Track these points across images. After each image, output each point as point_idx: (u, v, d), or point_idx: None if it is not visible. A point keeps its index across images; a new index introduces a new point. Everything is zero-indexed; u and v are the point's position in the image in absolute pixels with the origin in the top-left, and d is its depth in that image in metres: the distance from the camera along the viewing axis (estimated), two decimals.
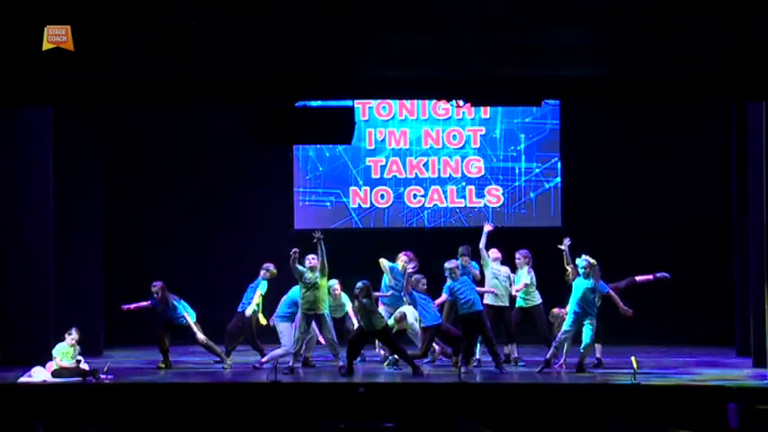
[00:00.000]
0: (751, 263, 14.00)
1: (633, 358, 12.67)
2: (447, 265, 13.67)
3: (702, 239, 16.08)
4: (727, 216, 15.36)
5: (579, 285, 13.36)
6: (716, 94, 12.63)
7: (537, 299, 14.21)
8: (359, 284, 13.31)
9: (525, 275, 14.15)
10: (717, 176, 15.85)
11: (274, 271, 14.34)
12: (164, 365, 13.87)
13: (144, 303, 14.28)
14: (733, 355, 14.77)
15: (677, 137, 16.39)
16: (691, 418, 10.73)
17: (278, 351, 13.73)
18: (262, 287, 14.27)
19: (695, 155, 16.29)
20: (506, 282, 14.17)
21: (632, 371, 12.25)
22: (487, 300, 13.95)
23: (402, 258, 14.09)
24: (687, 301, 15.81)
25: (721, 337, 15.33)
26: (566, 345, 13.40)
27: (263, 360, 13.73)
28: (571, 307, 13.35)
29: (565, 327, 13.34)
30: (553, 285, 15.20)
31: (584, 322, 13.26)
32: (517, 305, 14.22)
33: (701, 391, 11.68)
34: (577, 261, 13.46)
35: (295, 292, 13.89)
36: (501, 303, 14.07)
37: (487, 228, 14.21)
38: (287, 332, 13.79)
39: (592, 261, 13.41)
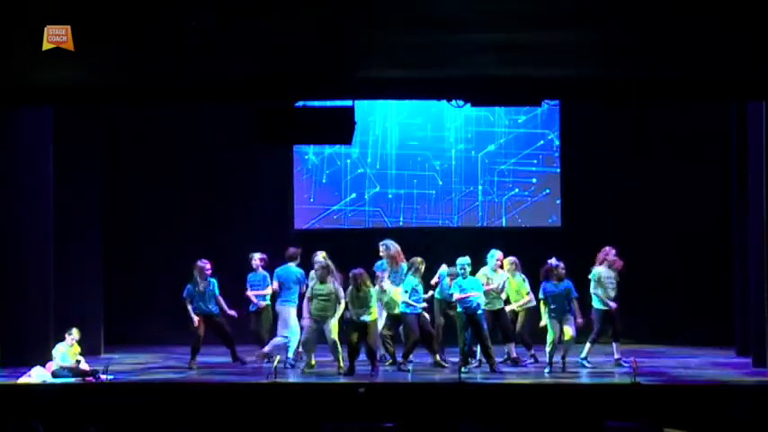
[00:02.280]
0: (751, 263, 14.00)
1: (633, 358, 12.67)
2: (463, 261, 13.67)
3: (702, 239, 16.08)
4: (727, 216, 15.36)
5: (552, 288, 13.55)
6: (716, 94, 12.63)
7: (532, 301, 14.24)
8: (356, 272, 13.31)
9: (522, 284, 14.23)
10: (717, 176, 15.86)
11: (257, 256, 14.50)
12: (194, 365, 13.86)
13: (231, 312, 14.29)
14: (733, 355, 14.78)
15: (677, 137, 16.39)
16: (691, 418, 10.74)
17: (279, 340, 13.75)
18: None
19: (695, 155, 16.29)
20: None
21: (632, 371, 12.24)
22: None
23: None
24: (687, 302, 15.82)
25: (721, 337, 15.33)
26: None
27: (266, 350, 13.72)
28: (548, 308, 13.46)
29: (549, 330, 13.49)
30: None
31: (563, 318, 13.40)
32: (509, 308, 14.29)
33: (701, 391, 11.68)
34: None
35: (296, 271, 13.98)
36: (497, 306, 14.07)
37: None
38: (290, 317, 13.82)
39: (552, 262, 13.54)
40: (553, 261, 13.66)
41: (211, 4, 9.72)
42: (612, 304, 13.84)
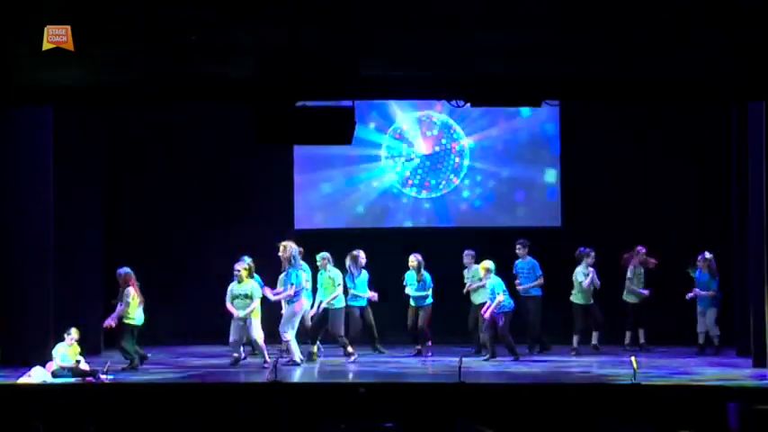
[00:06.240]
0: (751, 263, 13.99)
1: (633, 358, 12.67)
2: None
3: (702, 240, 16.04)
4: (727, 216, 15.35)
5: None
6: (716, 94, 12.62)
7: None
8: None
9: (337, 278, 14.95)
10: (717, 176, 15.85)
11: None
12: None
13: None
14: (733, 355, 14.78)
15: (677, 137, 16.38)
16: (691, 418, 10.73)
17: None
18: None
19: (695, 155, 16.28)
20: None
21: (632, 371, 12.23)
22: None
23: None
24: (687, 301, 15.78)
25: (721, 337, 15.31)
26: None
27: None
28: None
29: None
30: (553, 284, 15.25)
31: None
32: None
33: (701, 391, 11.67)
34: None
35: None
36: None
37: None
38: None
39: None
40: (707, 254, 15.14)
41: (211, 4, 9.73)
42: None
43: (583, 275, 15.12)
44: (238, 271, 14.11)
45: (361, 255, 15.02)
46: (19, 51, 10.71)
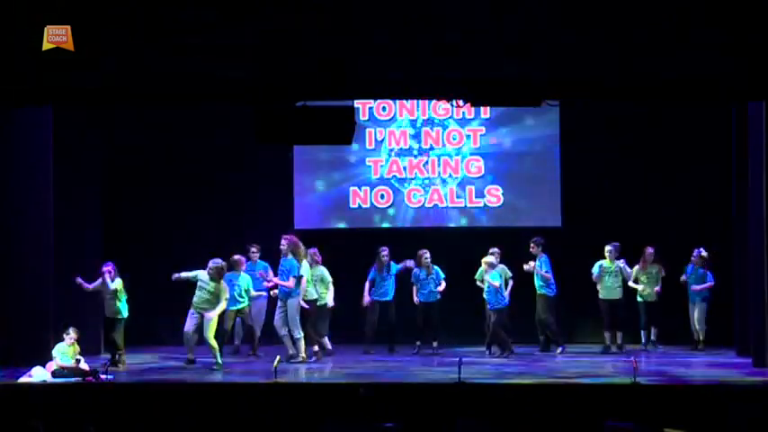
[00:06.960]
0: (750, 263, 13.99)
1: (634, 359, 12.67)
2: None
3: (702, 239, 16.06)
4: (727, 216, 15.35)
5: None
6: (716, 94, 12.62)
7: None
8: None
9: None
10: (717, 176, 15.84)
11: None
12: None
13: None
14: (733, 355, 14.78)
15: (677, 137, 16.37)
16: (690, 418, 10.73)
17: None
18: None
19: (695, 155, 16.27)
20: None
21: (632, 371, 12.24)
22: None
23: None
24: (687, 302, 15.80)
25: (721, 337, 15.33)
26: None
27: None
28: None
29: None
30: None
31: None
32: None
33: (701, 391, 11.67)
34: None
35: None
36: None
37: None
38: None
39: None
40: (703, 252, 15.45)
41: (211, 4, 9.74)
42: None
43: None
44: (211, 268, 14.20)
45: (385, 252, 15.54)
46: (19, 51, 10.71)
